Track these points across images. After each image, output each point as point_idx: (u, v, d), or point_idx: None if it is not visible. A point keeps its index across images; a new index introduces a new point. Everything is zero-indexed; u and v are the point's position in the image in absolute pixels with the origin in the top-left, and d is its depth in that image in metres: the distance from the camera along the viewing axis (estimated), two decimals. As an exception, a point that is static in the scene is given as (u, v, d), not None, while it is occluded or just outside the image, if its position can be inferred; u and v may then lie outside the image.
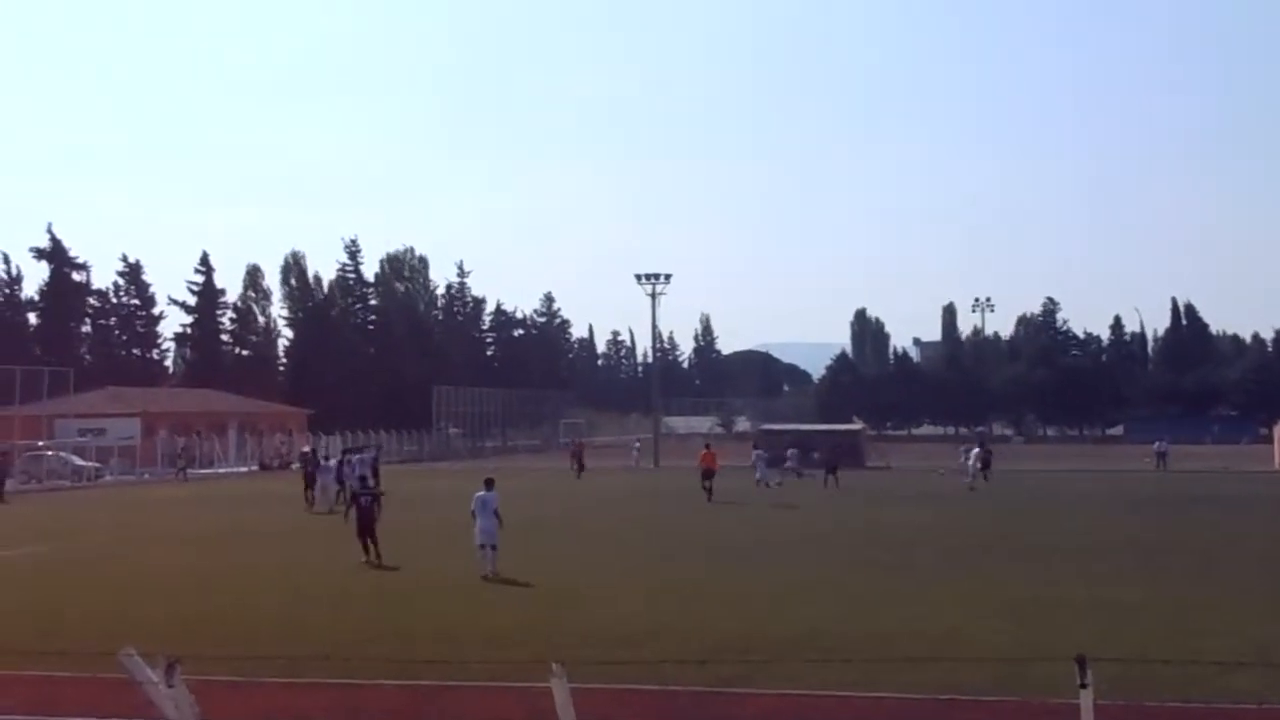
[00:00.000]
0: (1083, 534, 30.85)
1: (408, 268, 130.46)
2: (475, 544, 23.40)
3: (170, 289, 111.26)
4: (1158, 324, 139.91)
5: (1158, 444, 67.90)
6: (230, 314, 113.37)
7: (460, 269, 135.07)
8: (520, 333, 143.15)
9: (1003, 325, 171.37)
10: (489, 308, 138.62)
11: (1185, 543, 28.77)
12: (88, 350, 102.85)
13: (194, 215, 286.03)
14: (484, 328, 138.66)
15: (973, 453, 51.22)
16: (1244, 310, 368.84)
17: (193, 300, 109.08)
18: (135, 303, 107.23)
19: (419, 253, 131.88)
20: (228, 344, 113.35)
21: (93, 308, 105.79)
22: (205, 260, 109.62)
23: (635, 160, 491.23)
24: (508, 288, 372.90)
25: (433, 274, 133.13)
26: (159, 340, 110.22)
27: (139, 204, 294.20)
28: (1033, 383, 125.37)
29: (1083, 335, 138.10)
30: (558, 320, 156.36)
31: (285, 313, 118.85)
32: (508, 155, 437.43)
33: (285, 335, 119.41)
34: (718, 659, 14.00)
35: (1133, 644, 14.57)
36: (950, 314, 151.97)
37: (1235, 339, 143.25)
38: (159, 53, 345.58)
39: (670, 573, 23.38)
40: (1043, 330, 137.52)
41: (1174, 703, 12.24)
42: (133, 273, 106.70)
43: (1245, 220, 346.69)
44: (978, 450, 51.43)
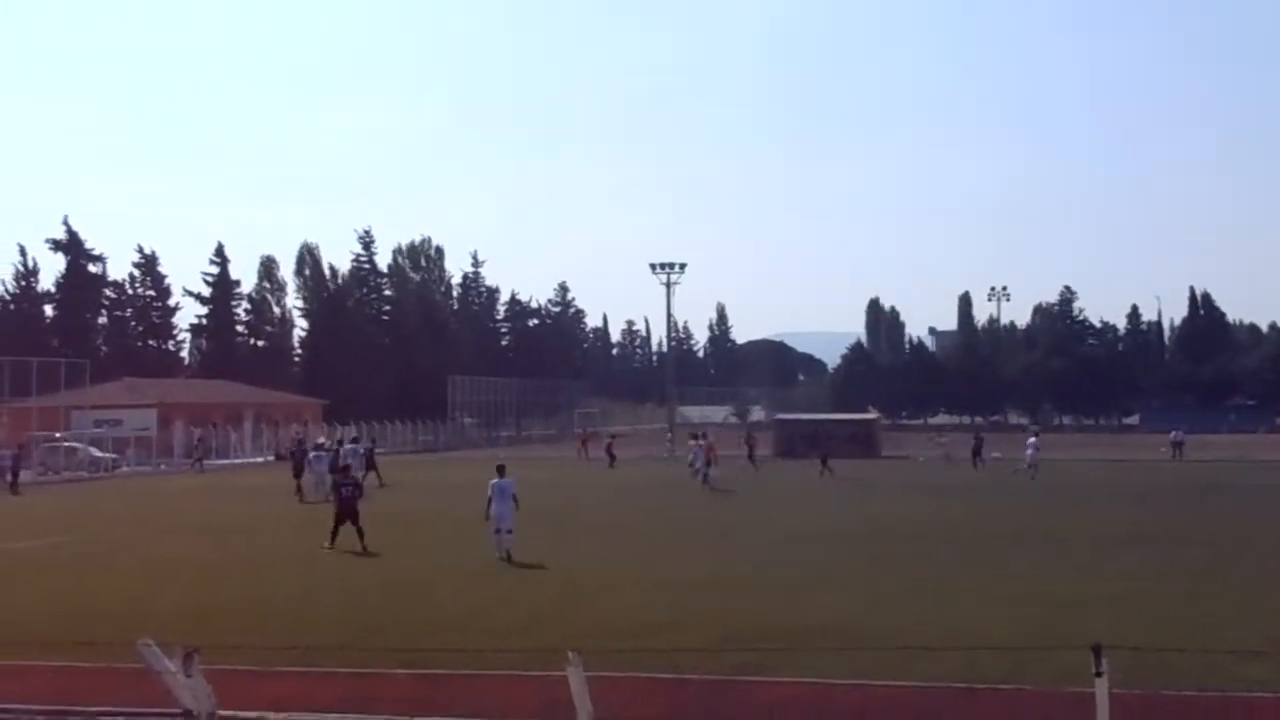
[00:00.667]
0: (1099, 524, 30.77)
1: (424, 258, 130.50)
2: (490, 529, 23.97)
3: (185, 280, 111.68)
4: (1175, 313, 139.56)
5: (1174, 433, 67.79)
6: (245, 305, 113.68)
7: (475, 259, 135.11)
8: (535, 322, 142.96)
9: (1019, 314, 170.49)
10: (504, 298, 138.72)
11: (1201, 532, 28.71)
12: (104, 341, 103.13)
13: (209, 206, 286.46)
14: (499, 318, 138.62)
15: (1030, 441, 51.45)
16: (1261, 299, 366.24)
17: (208, 291, 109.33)
18: (151, 294, 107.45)
19: (435, 243, 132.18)
20: (243, 335, 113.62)
21: (108, 299, 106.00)
22: (220, 251, 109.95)
23: (650, 150, 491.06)
24: (522, 278, 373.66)
25: (447, 264, 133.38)
26: (175, 331, 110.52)
27: (154, 196, 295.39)
28: (1049, 372, 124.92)
29: (1099, 324, 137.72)
30: (572, 310, 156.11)
31: (300, 303, 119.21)
32: (522, 146, 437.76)
33: (300, 326, 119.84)
34: (733, 648, 14.02)
35: (1148, 633, 14.53)
36: (966, 303, 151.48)
37: (1253, 328, 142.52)
38: (174, 47, 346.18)
39: (684, 562, 23.40)
40: (1059, 319, 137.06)
41: (1189, 692, 12.22)
42: (148, 264, 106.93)
43: (1263, 209, 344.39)
44: (1034, 439, 51.63)
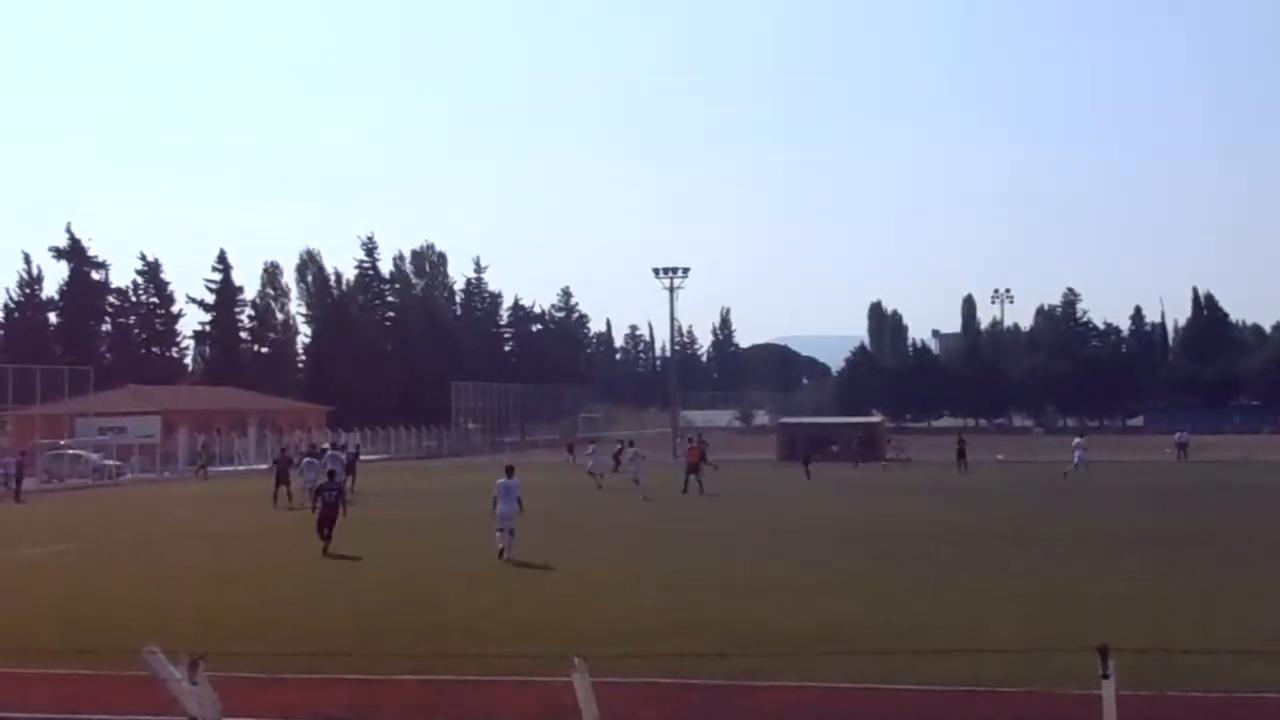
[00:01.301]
0: (1103, 525, 30.73)
1: (427, 263, 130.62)
2: (495, 527, 24.52)
3: (189, 287, 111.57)
4: (1178, 314, 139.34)
5: (1179, 434, 67.88)
6: (249, 311, 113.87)
7: (477, 264, 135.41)
8: (538, 328, 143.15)
9: (1022, 317, 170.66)
10: (506, 303, 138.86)
11: (1206, 533, 28.67)
12: (107, 349, 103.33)
13: (212, 213, 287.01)
14: (502, 323, 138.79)
15: (1076, 442, 51.56)
16: (1265, 300, 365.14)
17: (211, 298, 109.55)
18: (154, 301, 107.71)
19: (438, 248, 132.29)
20: (246, 342, 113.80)
21: (112, 306, 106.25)
22: (223, 258, 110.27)
23: (653, 155, 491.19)
24: (525, 283, 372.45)
25: (450, 270, 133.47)
26: (178, 338, 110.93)
27: (157, 203, 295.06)
28: (1053, 374, 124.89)
29: (1103, 326, 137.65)
30: (576, 315, 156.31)
31: (303, 310, 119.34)
32: (524, 150, 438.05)
33: (304, 332, 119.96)
34: (738, 652, 13.99)
35: (1154, 634, 14.50)
36: (970, 305, 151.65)
37: (1256, 329, 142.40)
38: (175, 52, 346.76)
39: (688, 566, 23.37)
40: (1062, 321, 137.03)
41: (1196, 693, 12.19)
42: (151, 271, 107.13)
43: (1266, 210, 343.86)
44: (1080, 440, 51.84)
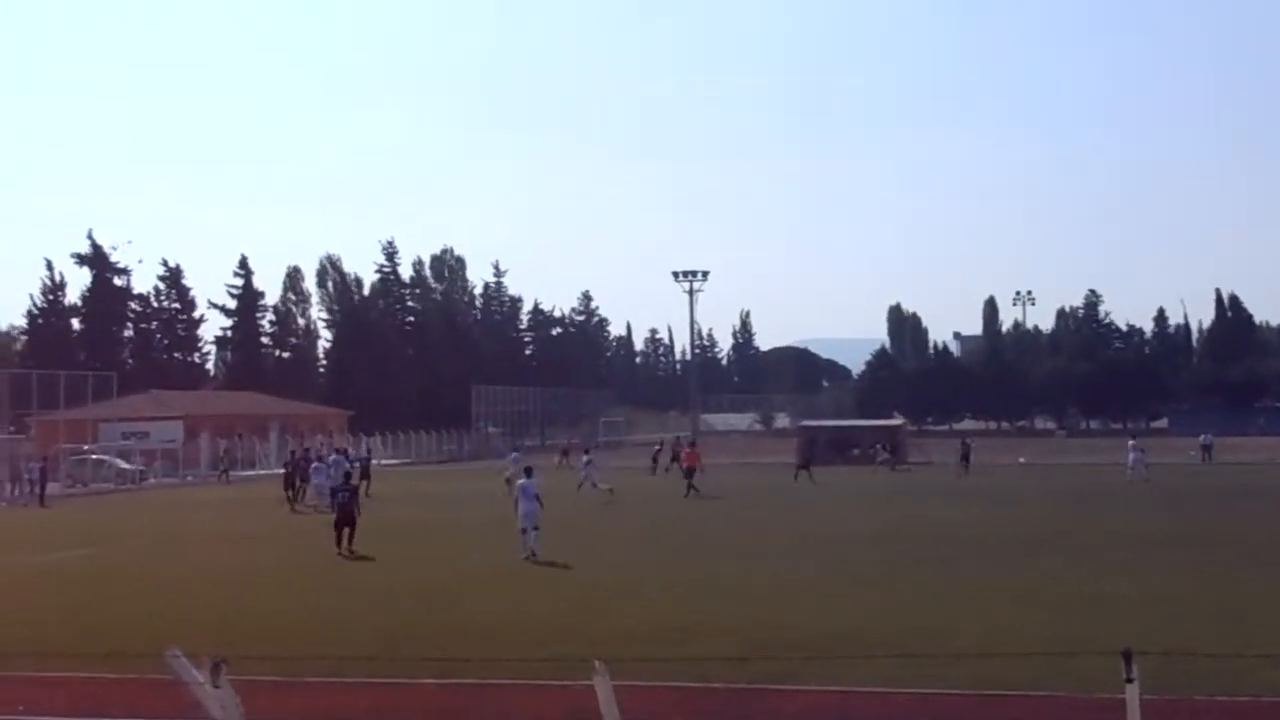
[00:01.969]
0: (1126, 528, 30.54)
1: (446, 268, 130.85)
2: (518, 528, 25.00)
3: (210, 293, 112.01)
4: (1202, 315, 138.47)
5: (1203, 436, 67.50)
6: (270, 317, 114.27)
7: (497, 268, 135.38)
8: (558, 331, 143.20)
9: (1044, 319, 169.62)
10: (526, 307, 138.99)
11: (1231, 535, 28.47)
12: (130, 354, 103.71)
13: (232, 219, 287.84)
14: (522, 327, 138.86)
15: (1130, 443, 51.70)
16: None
17: (233, 303, 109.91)
18: (176, 306, 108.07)
19: (457, 253, 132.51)
20: (268, 346, 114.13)
21: (134, 312, 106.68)
22: (244, 264, 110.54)
23: (671, 158, 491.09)
24: (545, 287, 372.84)
25: (469, 274, 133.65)
26: (200, 344, 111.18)
27: (178, 208, 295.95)
28: (1075, 376, 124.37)
29: (1125, 328, 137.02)
30: (595, 319, 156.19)
31: (324, 315, 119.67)
32: (543, 154, 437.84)
33: (324, 337, 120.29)
34: (760, 655, 13.96)
35: (1179, 638, 14.40)
36: (991, 307, 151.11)
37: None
38: (195, 58, 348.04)
39: (708, 569, 23.34)
40: (1085, 323, 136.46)
41: (1221, 696, 12.12)
42: (173, 277, 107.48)
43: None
44: (1134, 442, 51.87)
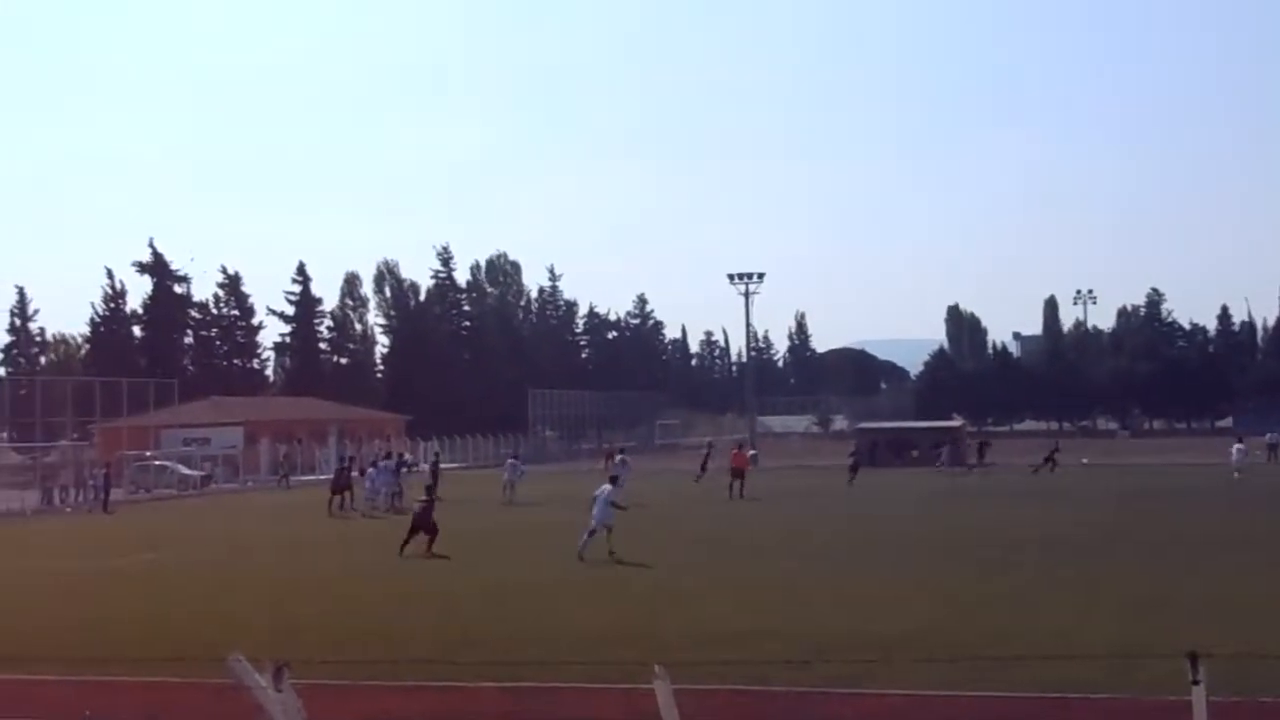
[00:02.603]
0: (1192, 529, 30.12)
1: (501, 273, 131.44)
2: (588, 529, 25.61)
3: (269, 299, 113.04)
4: (1266, 312, 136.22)
5: (1269, 435, 66.59)
6: (328, 323, 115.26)
7: (552, 272, 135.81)
8: (614, 335, 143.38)
9: (1105, 318, 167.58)
10: (582, 311, 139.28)
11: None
12: (190, 361, 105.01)
13: (290, 226, 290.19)
14: (577, 331, 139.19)
15: (1236, 446, 52.01)
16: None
17: (291, 310, 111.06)
18: (235, 313, 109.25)
19: (511, 257, 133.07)
20: (326, 352, 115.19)
21: (194, 320, 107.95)
22: (302, 270, 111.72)
23: (725, 160, 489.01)
24: (600, 291, 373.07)
25: (524, 279, 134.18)
26: (259, 350, 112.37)
27: (237, 216, 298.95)
28: (1138, 375, 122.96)
29: (1188, 326, 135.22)
30: (651, 322, 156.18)
31: (381, 320, 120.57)
32: (596, 158, 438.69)
33: (381, 343, 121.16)
34: (822, 659, 13.83)
35: (1246, 639, 14.14)
36: (1052, 307, 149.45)
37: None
38: (252, 66, 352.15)
39: (766, 572, 23.26)
40: (1147, 322, 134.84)
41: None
42: (232, 284, 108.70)
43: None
44: (1240, 444, 52.20)
